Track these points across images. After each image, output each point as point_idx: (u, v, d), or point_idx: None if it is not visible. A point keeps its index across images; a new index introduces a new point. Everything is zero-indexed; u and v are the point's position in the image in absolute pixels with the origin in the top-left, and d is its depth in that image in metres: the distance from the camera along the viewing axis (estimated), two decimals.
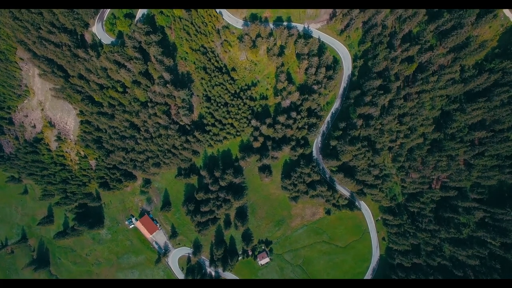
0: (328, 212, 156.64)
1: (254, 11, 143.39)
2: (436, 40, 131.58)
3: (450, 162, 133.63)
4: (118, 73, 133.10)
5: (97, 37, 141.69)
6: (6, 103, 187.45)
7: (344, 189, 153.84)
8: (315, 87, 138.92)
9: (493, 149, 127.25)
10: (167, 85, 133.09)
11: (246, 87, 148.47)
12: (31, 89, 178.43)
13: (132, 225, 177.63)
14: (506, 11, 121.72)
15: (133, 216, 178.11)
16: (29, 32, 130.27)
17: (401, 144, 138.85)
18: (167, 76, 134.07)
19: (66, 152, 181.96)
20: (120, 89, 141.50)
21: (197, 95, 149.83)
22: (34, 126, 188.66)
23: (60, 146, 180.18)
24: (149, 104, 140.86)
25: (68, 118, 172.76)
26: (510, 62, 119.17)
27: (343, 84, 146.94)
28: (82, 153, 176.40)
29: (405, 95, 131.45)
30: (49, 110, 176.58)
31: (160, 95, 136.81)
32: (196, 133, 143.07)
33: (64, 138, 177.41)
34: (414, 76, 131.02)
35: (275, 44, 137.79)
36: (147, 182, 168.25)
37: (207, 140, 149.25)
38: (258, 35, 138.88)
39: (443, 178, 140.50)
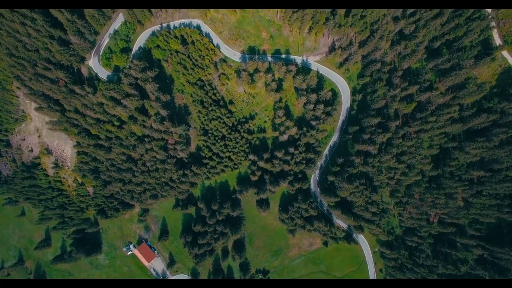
0: (325, 243, 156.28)
1: (251, 43, 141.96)
2: (435, 77, 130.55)
3: (448, 200, 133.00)
4: (115, 109, 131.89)
5: (93, 70, 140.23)
6: (3, 126, 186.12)
7: (342, 221, 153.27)
8: (314, 122, 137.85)
9: (492, 188, 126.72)
10: (164, 122, 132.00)
11: (243, 119, 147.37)
12: (28, 115, 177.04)
13: (130, 252, 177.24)
14: (504, 53, 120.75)
15: (131, 243, 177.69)
16: (25, 69, 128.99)
17: (399, 181, 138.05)
18: (163, 112, 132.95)
19: (64, 178, 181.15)
20: (116, 123, 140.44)
21: (195, 127, 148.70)
22: (32, 150, 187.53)
23: (57, 172, 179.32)
24: (146, 139, 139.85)
25: (65, 146, 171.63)
26: (508, 103, 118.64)
27: (342, 117, 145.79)
28: (80, 180, 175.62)
29: (403, 134, 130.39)
30: (46, 137, 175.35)
31: (157, 131, 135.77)
32: (194, 168, 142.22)
33: (62, 165, 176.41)
34: (413, 114, 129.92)
35: (273, 80, 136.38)
36: (145, 211, 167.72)
37: (205, 173, 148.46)
38: (256, 70, 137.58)
39: (441, 214, 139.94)
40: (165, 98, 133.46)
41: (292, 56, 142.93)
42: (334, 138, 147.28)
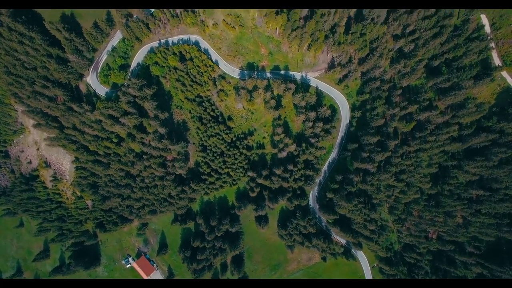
0: (324, 258, 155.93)
1: (250, 60, 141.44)
2: (435, 95, 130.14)
3: (447, 219, 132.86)
4: (113, 127, 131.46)
5: (91, 87, 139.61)
6: (1, 137, 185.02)
7: (340, 238, 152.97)
8: (312, 140, 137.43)
9: (491, 207, 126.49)
10: (162, 140, 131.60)
11: (242, 135, 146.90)
12: (27, 128, 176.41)
13: (129, 265, 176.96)
14: (503, 73, 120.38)
15: (130, 256, 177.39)
16: (23, 87, 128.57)
17: (397, 198, 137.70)
18: (162, 130, 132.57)
19: (62, 190, 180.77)
20: (115, 140, 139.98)
21: (193, 143, 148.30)
22: (30, 162, 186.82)
23: (56, 185, 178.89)
24: (145, 156, 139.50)
25: (63, 160, 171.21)
26: (507, 123, 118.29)
27: (341, 133, 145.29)
28: (78, 193, 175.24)
29: (402, 153, 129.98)
30: (44, 150, 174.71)
31: (155, 149, 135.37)
32: (192, 184, 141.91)
33: (60, 178, 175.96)
34: (412, 133, 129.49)
35: (272, 97, 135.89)
36: (144, 225, 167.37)
37: (203, 189, 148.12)
38: (255, 87, 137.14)
39: (440, 231, 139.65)
40: (164, 116, 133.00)
41: (291, 72, 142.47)
42: (333, 154, 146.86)
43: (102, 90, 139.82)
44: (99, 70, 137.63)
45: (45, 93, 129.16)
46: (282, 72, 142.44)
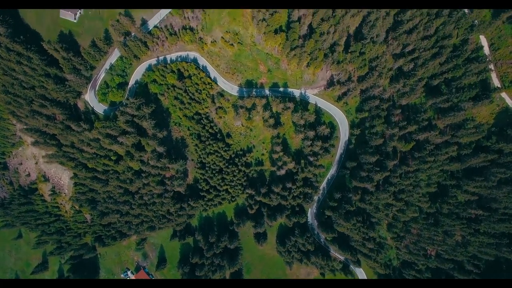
0: (322, 274, 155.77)
1: (249, 77, 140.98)
2: (434, 113, 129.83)
3: (445, 237, 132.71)
4: (111, 145, 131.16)
5: (89, 105, 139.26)
6: (0, 149, 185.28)
7: (339, 254, 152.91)
8: (311, 158, 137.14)
9: (490, 227, 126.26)
10: (161, 159, 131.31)
11: (241, 152, 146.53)
12: (25, 142, 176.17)
13: (128, 278, 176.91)
14: (503, 93, 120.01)
15: (129, 269, 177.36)
16: (21, 106, 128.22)
17: (396, 216, 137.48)
18: (160, 149, 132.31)
19: (61, 204, 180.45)
20: (113, 158, 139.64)
21: (192, 159, 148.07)
22: (29, 175, 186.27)
23: (54, 199, 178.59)
24: (143, 174, 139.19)
25: (62, 174, 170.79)
26: (506, 144, 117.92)
27: (340, 150, 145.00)
28: (77, 207, 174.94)
29: (401, 173, 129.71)
30: (43, 164, 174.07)
31: (154, 167, 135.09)
32: (191, 202, 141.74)
33: (59, 192, 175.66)
34: (411, 153, 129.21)
35: (271, 116, 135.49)
36: (143, 239, 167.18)
37: (202, 205, 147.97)
38: (254, 106, 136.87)
39: (439, 250, 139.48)
40: (162, 134, 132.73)
41: (290, 89, 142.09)
42: (332, 171, 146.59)
43: (100, 107, 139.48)
44: (97, 88, 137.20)
45: (43, 112, 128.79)
46: (281, 89, 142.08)
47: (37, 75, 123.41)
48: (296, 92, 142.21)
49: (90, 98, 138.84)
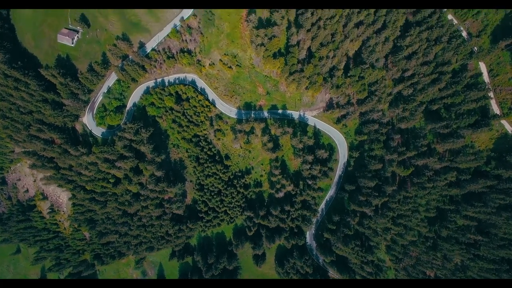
0: None
1: (247, 99, 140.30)
2: (433, 137, 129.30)
3: (444, 262, 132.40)
4: (109, 169, 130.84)
5: (87, 127, 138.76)
6: None
7: (337, 276, 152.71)
8: (310, 181, 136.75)
9: (489, 253, 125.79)
10: (159, 183, 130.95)
11: (240, 173, 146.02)
12: (23, 159, 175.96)
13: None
14: (503, 120, 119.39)
15: None
16: (19, 131, 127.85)
17: (394, 239, 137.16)
18: (158, 173, 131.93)
19: (60, 221, 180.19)
20: (112, 180, 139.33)
21: (190, 181, 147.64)
22: (27, 191, 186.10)
23: (53, 216, 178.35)
24: (142, 197, 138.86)
25: (60, 193, 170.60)
26: (505, 170, 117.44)
27: (339, 171, 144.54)
28: (76, 225, 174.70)
29: (400, 199, 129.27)
30: (41, 182, 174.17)
31: (152, 191, 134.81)
32: (189, 224, 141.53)
33: (57, 210, 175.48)
34: (410, 178, 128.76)
35: (269, 140, 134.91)
36: (141, 258, 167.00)
37: (201, 226, 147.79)
38: (252, 129, 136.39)
39: (438, 273, 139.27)
40: (160, 159, 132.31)
41: (289, 111, 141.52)
42: (331, 192, 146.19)
43: (98, 130, 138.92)
44: (95, 111, 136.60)
45: (40, 136, 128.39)
46: (280, 111, 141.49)
47: (34, 100, 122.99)
48: (295, 114, 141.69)
49: (88, 121, 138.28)
